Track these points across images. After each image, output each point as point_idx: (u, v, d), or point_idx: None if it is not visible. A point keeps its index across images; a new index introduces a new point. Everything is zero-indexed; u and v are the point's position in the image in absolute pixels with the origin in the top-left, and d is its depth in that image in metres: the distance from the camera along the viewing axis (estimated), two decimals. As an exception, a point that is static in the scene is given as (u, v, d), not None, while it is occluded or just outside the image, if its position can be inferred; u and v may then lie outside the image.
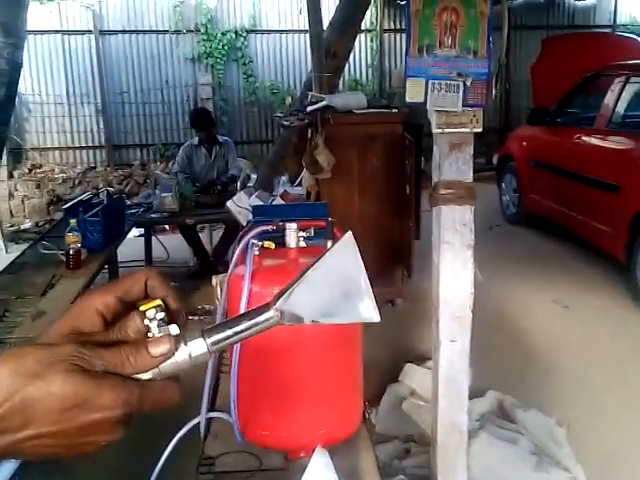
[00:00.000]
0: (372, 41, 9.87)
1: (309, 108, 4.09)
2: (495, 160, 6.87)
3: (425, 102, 1.96)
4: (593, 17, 10.35)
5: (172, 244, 5.33)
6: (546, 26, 9.90)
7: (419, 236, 3.85)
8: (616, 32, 9.82)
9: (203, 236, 5.41)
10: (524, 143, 6.05)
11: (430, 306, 2.08)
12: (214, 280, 2.86)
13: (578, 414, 2.97)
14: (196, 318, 3.53)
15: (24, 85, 8.15)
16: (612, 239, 4.37)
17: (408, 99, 2.01)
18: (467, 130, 1.93)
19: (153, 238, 5.07)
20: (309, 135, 3.99)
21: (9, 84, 5.83)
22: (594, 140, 4.80)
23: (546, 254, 5.27)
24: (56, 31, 8.82)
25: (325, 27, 6.67)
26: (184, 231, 5.09)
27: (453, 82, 1.91)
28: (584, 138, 4.94)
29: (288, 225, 1.77)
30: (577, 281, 4.58)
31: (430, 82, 1.94)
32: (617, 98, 4.59)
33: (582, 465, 2.57)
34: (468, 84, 1.88)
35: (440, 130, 1.96)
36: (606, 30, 10.16)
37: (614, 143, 4.53)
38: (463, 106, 1.91)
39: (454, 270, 1.96)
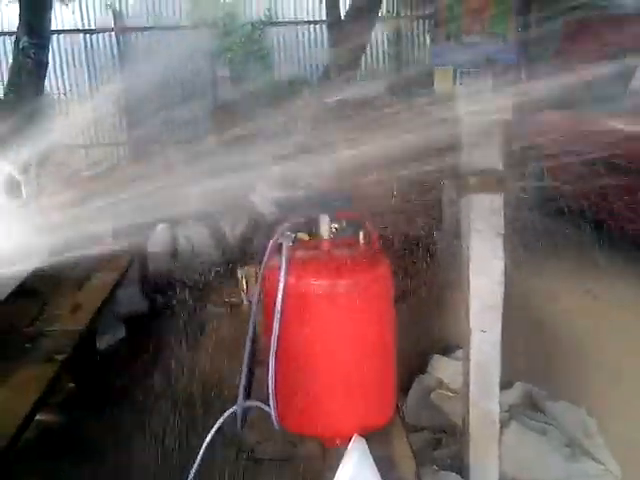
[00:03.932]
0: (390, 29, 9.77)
1: (327, 100, 4.12)
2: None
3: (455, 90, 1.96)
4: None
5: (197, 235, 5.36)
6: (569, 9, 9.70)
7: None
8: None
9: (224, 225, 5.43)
10: (547, 129, 5.95)
11: (455, 297, 2.08)
12: (239, 273, 2.89)
13: (609, 405, 2.94)
14: (222, 310, 3.55)
15: (49, 84, 8.27)
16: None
17: (436, 87, 2.01)
18: (496, 116, 1.92)
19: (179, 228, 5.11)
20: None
21: (36, 83, 5.96)
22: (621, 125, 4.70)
23: (572, 242, 5.20)
24: (77, 30, 8.94)
25: (343, 16, 6.66)
26: (208, 223, 5.13)
27: (481, 69, 1.90)
28: (611, 123, 4.85)
29: (321, 217, 1.78)
30: (606, 270, 4.52)
31: (459, 70, 1.93)
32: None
33: (615, 457, 2.55)
34: (497, 70, 1.87)
35: (469, 117, 1.95)
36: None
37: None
38: (492, 92, 1.90)
39: (484, 259, 1.95)
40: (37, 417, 1.70)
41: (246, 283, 2.82)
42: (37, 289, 2.49)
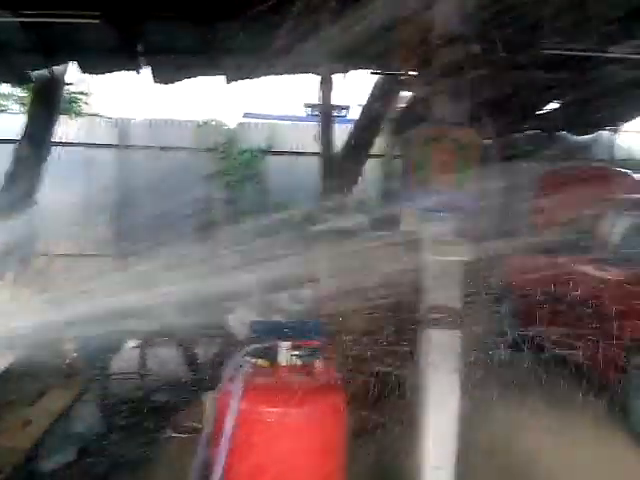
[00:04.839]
0: (381, 165, 10.32)
1: (318, 227, 4.27)
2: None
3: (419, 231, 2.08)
4: (591, 152, 10.82)
5: (167, 355, 5.26)
6: (544, 159, 10.34)
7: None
8: (613, 167, 10.22)
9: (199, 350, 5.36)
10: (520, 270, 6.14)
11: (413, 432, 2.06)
12: (204, 397, 2.83)
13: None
14: (184, 436, 3.41)
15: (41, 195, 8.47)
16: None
17: (403, 227, 2.14)
18: (456, 258, 2.02)
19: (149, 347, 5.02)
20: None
21: (30, 192, 6.14)
22: (589, 270, 4.88)
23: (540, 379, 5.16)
24: (80, 144, 9.32)
25: (338, 151, 7.11)
26: (180, 344, 5.06)
27: (444, 214, 2.03)
28: (579, 267, 5.03)
29: (281, 343, 1.82)
30: (571, 409, 4.47)
31: (424, 213, 2.07)
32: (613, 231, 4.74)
33: None
34: (459, 217, 2.00)
35: (432, 257, 2.05)
36: (603, 165, 10.58)
37: (608, 273, 4.63)
38: (453, 236, 2.01)
39: (440, 394, 1.96)
40: None
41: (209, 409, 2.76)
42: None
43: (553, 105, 8.39)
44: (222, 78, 6.05)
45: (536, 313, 5.44)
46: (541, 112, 8.62)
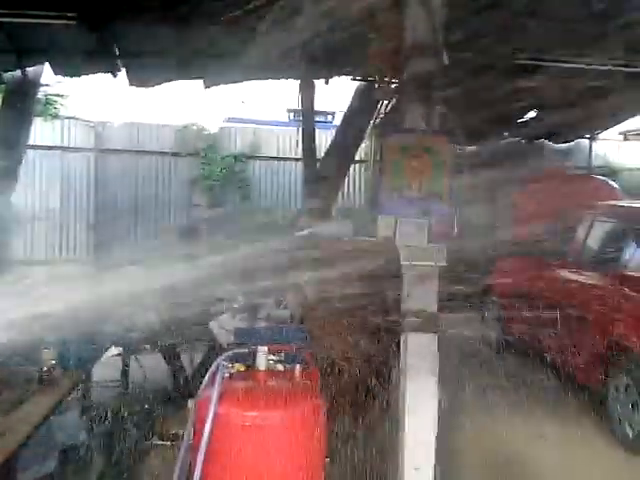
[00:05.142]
0: (365, 171, 10.38)
1: (296, 234, 4.29)
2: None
3: (395, 237, 2.11)
4: (569, 159, 11.02)
5: (150, 364, 5.20)
6: (526, 166, 10.49)
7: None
8: (590, 174, 10.41)
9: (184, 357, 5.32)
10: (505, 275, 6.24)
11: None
12: (190, 403, 2.83)
13: None
14: (167, 444, 3.40)
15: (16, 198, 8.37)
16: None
17: (380, 234, 2.17)
18: (432, 263, 2.06)
19: (131, 357, 4.96)
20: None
21: (4, 195, 6.06)
22: (570, 274, 4.97)
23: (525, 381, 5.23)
24: (56, 147, 9.21)
25: (321, 157, 7.14)
26: (164, 351, 5.02)
27: (419, 221, 2.07)
28: (560, 272, 5.12)
29: (259, 348, 1.84)
30: (556, 411, 4.54)
31: (399, 220, 2.11)
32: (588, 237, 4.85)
33: None
34: (432, 223, 2.04)
35: (408, 263, 2.09)
36: (581, 172, 10.77)
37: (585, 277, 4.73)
38: (428, 242, 2.06)
39: (419, 396, 2.00)
40: None
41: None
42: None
43: (532, 114, 8.54)
44: (200, 82, 6.04)
45: (515, 316, 5.53)
46: (520, 120, 8.76)
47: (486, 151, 8.74)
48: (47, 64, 5.52)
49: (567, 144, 10.78)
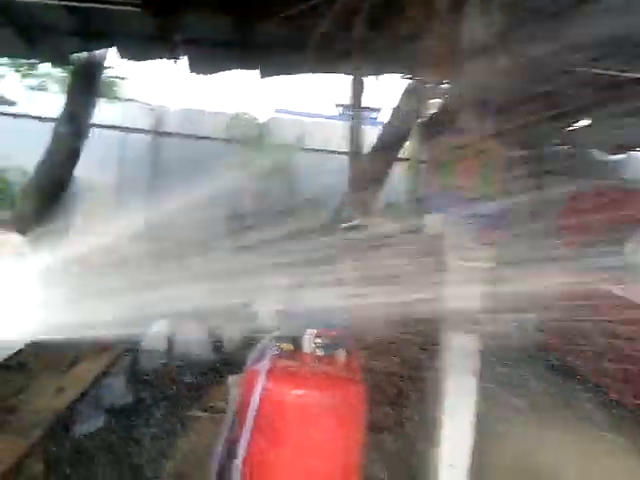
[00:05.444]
0: (409, 169, 10.34)
1: (342, 225, 4.35)
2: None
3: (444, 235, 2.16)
4: (620, 171, 10.71)
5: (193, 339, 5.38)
6: (573, 174, 10.23)
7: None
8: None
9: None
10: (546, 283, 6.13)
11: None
12: (230, 379, 2.94)
13: None
14: (206, 415, 3.52)
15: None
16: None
17: (428, 232, 2.22)
18: (477, 265, 2.09)
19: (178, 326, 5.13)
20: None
21: (67, 170, 6.35)
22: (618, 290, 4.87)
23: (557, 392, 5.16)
24: (116, 127, 9.52)
25: (367, 152, 7.18)
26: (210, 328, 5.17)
27: (468, 221, 2.11)
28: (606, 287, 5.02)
29: (307, 331, 1.92)
30: (588, 423, 4.47)
31: (448, 219, 2.15)
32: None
33: None
34: (481, 224, 2.07)
35: (454, 262, 2.13)
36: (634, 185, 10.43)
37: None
38: (476, 243, 2.09)
39: (458, 396, 2.04)
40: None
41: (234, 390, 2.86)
42: (26, 364, 2.54)
43: (584, 122, 8.34)
44: (256, 72, 6.17)
45: (560, 329, 5.43)
46: (572, 128, 8.57)
47: (538, 156, 8.57)
48: (112, 47, 5.73)
49: (619, 156, 10.48)
